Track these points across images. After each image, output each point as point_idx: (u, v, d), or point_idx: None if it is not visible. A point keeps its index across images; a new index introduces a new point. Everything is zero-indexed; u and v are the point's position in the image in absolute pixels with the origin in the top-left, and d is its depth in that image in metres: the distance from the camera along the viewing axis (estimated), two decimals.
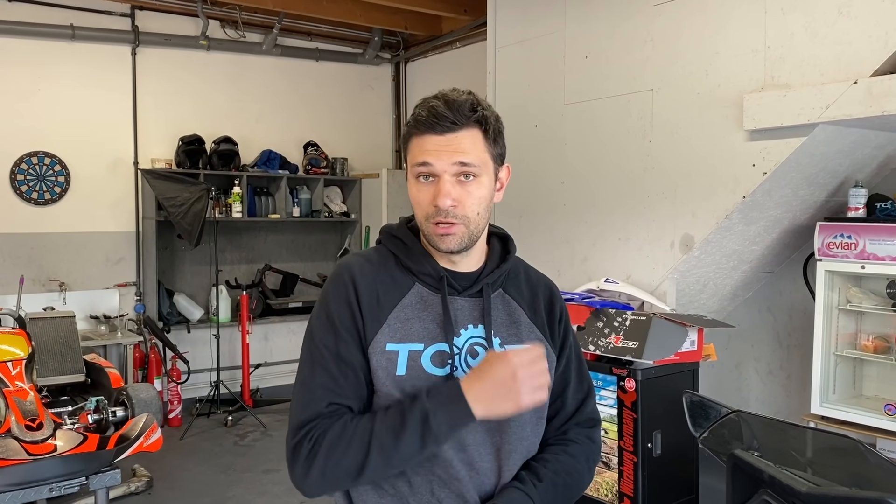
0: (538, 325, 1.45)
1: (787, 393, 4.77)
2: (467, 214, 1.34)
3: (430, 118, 1.32)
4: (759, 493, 1.37)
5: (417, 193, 1.35)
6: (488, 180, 1.38)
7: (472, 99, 1.35)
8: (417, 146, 1.34)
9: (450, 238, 1.34)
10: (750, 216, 3.97)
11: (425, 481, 1.35)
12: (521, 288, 1.48)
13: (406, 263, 1.41)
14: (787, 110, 3.52)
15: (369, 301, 1.37)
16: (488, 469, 1.37)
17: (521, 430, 1.40)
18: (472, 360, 1.37)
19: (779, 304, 4.80)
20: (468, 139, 1.33)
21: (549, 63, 4.87)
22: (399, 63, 7.76)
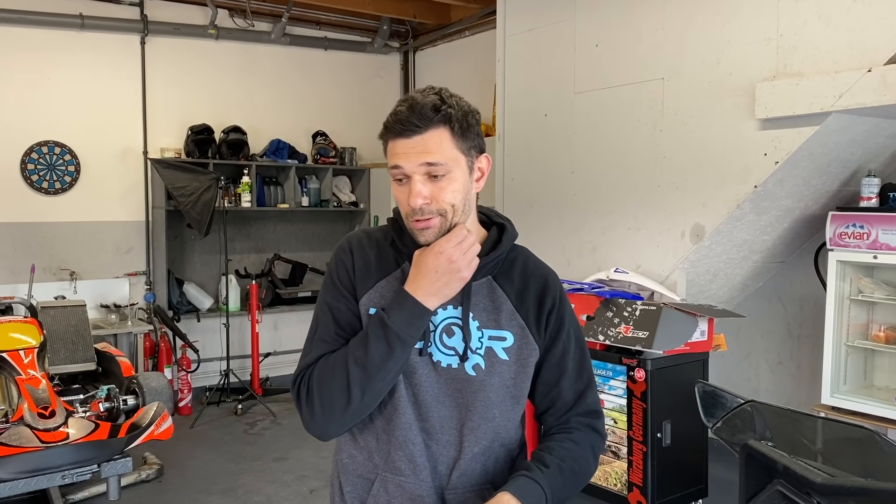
0: (522, 314, 1.49)
1: (797, 383, 4.76)
2: (443, 207, 1.41)
3: (396, 123, 1.41)
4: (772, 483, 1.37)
5: (397, 193, 1.46)
6: (461, 174, 1.43)
7: (435, 100, 1.40)
8: (391, 150, 1.44)
9: (428, 231, 1.42)
10: (761, 206, 3.95)
11: (385, 441, 1.47)
12: (514, 277, 1.52)
13: (399, 245, 1.51)
14: (799, 99, 3.49)
15: (362, 266, 1.50)
16: (447, 441, 1.46)
17: (488, 410, 1.45)
18: (448, 338, 1.45)
19: (789, 294, 4.78)
20: (434, 139, 1.39)
21: (558, 52, 4.84)
22: (408, 52, 7.73)
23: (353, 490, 1.53)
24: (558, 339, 1.51)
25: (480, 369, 1.45)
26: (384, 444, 1.48)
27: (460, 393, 1.45)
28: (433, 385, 1.45)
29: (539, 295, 1.51)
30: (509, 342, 1.47)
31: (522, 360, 1.48)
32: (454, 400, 1.45)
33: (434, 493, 1.47)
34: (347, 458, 1.55)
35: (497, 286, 1.50)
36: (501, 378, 1.46)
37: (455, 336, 1.45)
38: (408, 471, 1.46)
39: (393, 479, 1.47)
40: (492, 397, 1.45)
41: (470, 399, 1.44)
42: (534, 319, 1.49)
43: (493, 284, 1.50)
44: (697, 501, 4.08)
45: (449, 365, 1.45)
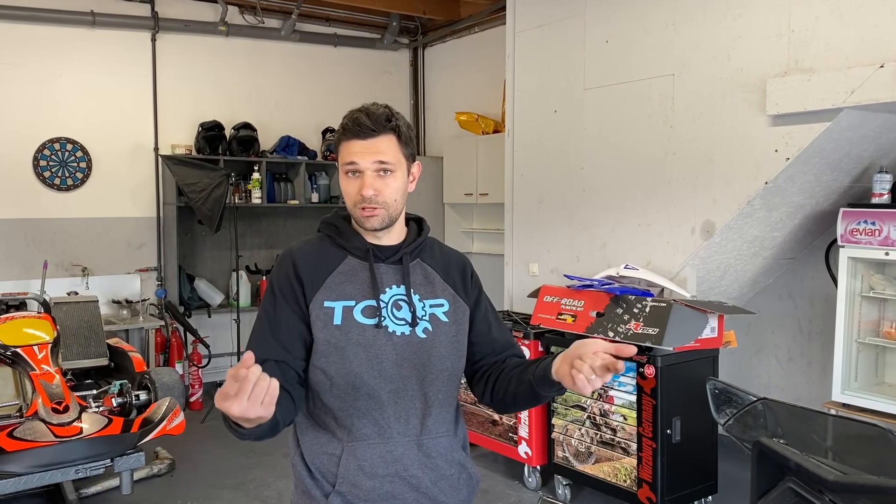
0: (450, 284, 1.80)
1: (807, 380, 4.74)
2: (386, 200, 1.68)
3: (355, 126, 1.67)
4: (784, 480, 1.37)
5: (347, 186, 1.70)
6: (402, 174, 1.71)
7: (387, 112, 1.70)
8: (346, 149, 1.69)
9: (373, 219, 1.68)
10: (772, 202, 3.94)
11: (347, 414, 1.67)
12: (436, 257, 1.83)
13: (339, 241, 1.76)
14: (811, 95, 3.47)
15: (307, 270, 1.72)
16: (412, 396, 1.69)
17: (441, 363, 1.71)
18: (397, 312, 1.71)
19: (800, 290, 4.76)
20: (385, 143, 1.67)
21: (568, 47, 4.83)
22: (417, 48, 7.73)
23: (321, 469, 1.70)
24: (480, 301, 1.85)
25: (429, 332, 1.72)
26: (348, 417, 1.67)
27: (416, 354, 1.69)
28: (391, 351, 1.68)
29: (461, 270, 1.85)
30: (446, 307, 1.76)
31: (458, 319, 1.77)
32: (411, 361, 1.69)
33: (407, 443, 1.68)
34: (311, 442, 1.73)
35: (426, 265, 1.80)
36: (447, 336, 1.74)
37: (403, 309, 1.71)
38: (373, 434, 1.66)
39: (360, 444, 1.66)
40: (442, 352, 1.72)
41: (425, 357, 1.70)
42: (461, 287, 1.81)
43: (423, 265, 1.79)
44: (707, 498, 4.08)
45: (403, 333, 1.69)
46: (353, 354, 1.66)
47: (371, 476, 1.66)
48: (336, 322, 1.67)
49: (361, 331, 1.67)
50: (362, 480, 1.65)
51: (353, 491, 1.66)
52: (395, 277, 1.74)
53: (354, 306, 1.69)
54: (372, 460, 1.66)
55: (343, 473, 1.66)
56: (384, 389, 1.66)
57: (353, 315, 1.68)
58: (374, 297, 1.70)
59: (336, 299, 1.69)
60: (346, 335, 1.66)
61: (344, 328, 1.67)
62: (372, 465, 1.66)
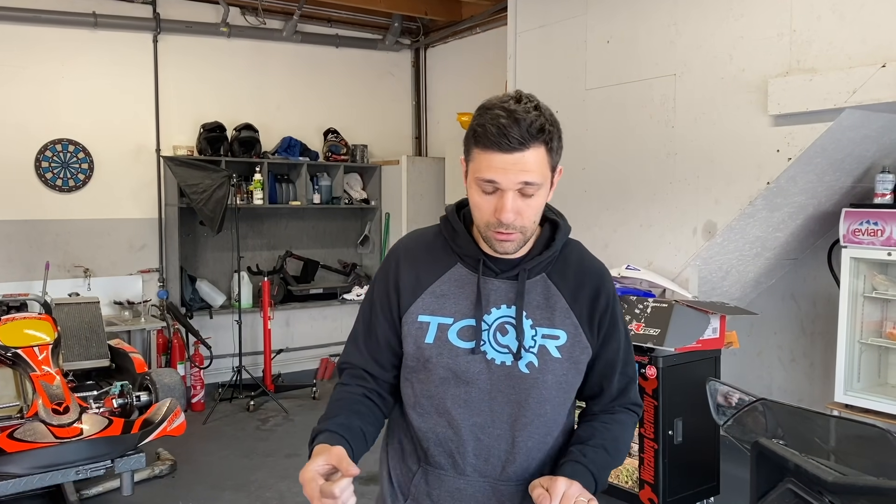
0: (576, 312, 1.50)
1: (810, 381, 4.73)
2: (525, 224, 1.41)
3: (498, 137, 1.33)
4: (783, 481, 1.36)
5: (480, 200, 1.41)
6: (546, 189, 1.42)
7: (540, 119, 1.35)
8: (484, 160, 1.37)
9: (508, 244, 1.43)
10: (774, 202, 3.93)
11: (425, 437, 1.51)
12: (568, 275, 1.53)
13: (451, 245, 1.53)
14: (812, 95, 3.46)
15: (408, 278, 1.52)
16: (499, 436, 1.48)
17: (540, 406, 1.48)
18: (502, 337, 1.47)
19: (803, 291, 4.75)
20: (533, 158, 1.36)
21: (570, 48, 4.83)
22: (419, 49, 7.73)
23: (398, 477, 1.59)
24: (612, 339, 1.54)
25: (534, 367, 1.47)
26: (425, 441, 1.52)
27: (513, 389, 1.47)
28: (485, 381, 1.47)
29: (593, 295, 1.52)
30: (562, 340, 1.49)
31: (574, 358, 1.50)
32: (507, 396, 1.47)
33: (480, 485, 1.50)
34: (398, 444, 1.61)
35: (551, 284, 1.51)
36: (554, 375, 1.48)
37: (509, 334, 1.47)
38: (447, 465, 1.50)
39: (434, 472, 1.52)
40: (544, 394, 1.48)
41: (523, 396, 1.47)
42: (587, 318, 1.51)
43: (548, 282, 1.51)
44: (709, 499, 4.07)
45: (503, 363, 1.47)
46: (439, 378, 1.49)
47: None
48: (428, 340, 1.49)
49: (454, 354, 1.48)
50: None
51: None
52: (508, 296, 1.49)
53: (451, 325, 1.49)
54: (440, 492, 1.52)
55: (415, 493, 1.55)
56: (467, 422, 1.48)
57: (448, 335, 1.49)
58: (477, 317, 1.48)
59: (432, 314, 1.50)
60: (437, 356, 1.48)
61: (435, 348, 1.48)
62: (440, 496, 1.52)
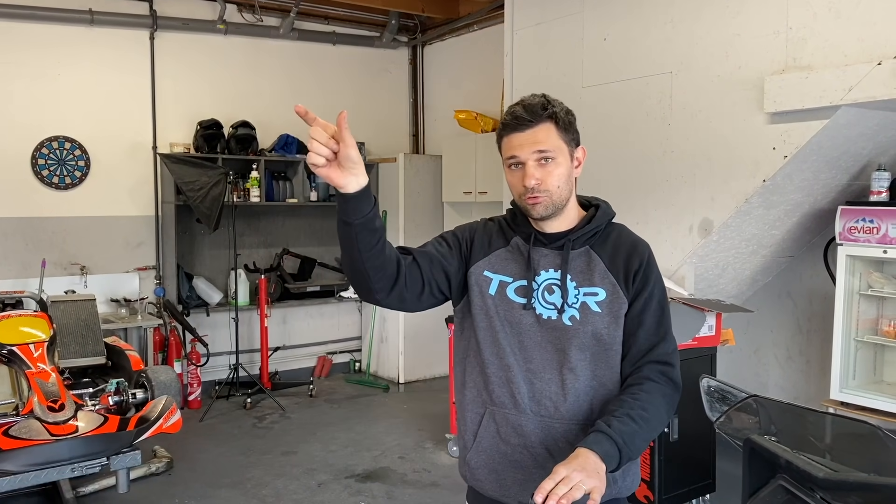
0: (613, 272, 1.76)
1: (806, 378, 4.73)
2: (549, 189, 1.71)
3: (513, 120, 1.72)
4: (775, 478, 1.36)
5: (511, 179, 1.75)
6: (564, 160, 1.72)
7: (542, 100, 1.72)
8: (507, 144, 1.74)
9: (538, 206, 1.72)
10: (770, 200, 3.93)
11: (491, 380, 1.77)
12: (608, 246, 1.80)
13: (512, 225, 1.86)
14: (808, 92, 3.46)
15: (482, 239, 1.85)
16: (549, 379, 1.73)
17: (581, 352, 1.72)
18: (549, 295, 1.75)
19: (799, 289, 4.75)
20: (543, 132, 1.70)
21: (566, 45, 4.82)
22: (416, 46, 7.72)
23: (468, 423, 1.83)
24: (640, 295, 1.76)
25: (575, 320, 1.73)
26: (490, 383, 1.77)
27: (558, 339, 1.73)
28: (535, 333, 1.74)
29: (627, 256, 1.78)
30: (601, 297, 1.74)
31: (614, 311, 1.74)
32: (553, 345, 1.73)
33: (537, 423, 1.73)
34: (463, 397, 1.85)
35: (593, 253, 1.78)
36: (594, 327, 1.72)
37: (555, 294, 1.74)
38: (510, 404, 1.75)
39: (499, 411, 1.76)
40: (584, 342, 1.72)
41: (566, 344, 1.72)
42: (622, 276, 1.76)
43: (590, 252, 1.79)
44: (705, 496, 4.07)
45: (549, 317, 1.74)
46: (500, 327, 1.76)
47: (505, 442, 1.76)
48: (491, 292, 1.78)
49: (510, 307, 1.76)
50: (497, 444, 1.77)
51: (488, 451, 1.78)
52: (554, 262, 1.78)
53: (510, 283, 1.78)
54: (506, 428, 1.75)
55: (482, 434, 1.79)
56: (522, 368, 1.74)
57: (507, 291, 1.77)
58: (528, 278, 1.76)
59: (496, 272, 1.79)
60: (497, 307, 1.77)
61: (496, 298, 1.77)
62: (506, 432, 1.75)
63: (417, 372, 7.00)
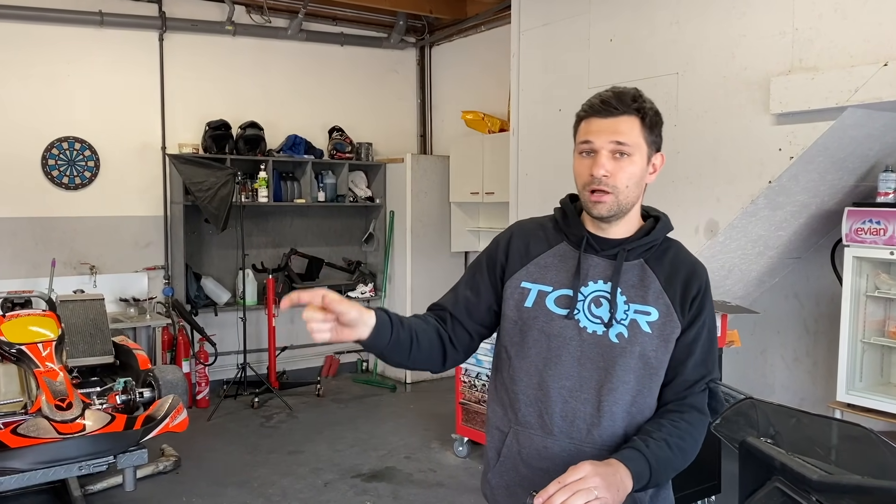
0: (670, 294, 1.63)
1: (813, 380, 4.72)
2: (617, 185, 1.56)
3: (599, 104, 1.58)
4: (771, 480, 1.37)
5: (579, 166, 1.61)
6: (640, 160, 1.59)
7: (634, 91, 1.60)
8: (584, 127, 1.61)
9: (601, 205, 1.58)
10: (776, 201, 3.92)
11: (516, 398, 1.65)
12: (665, 263, 1.66)
13: (561, 226, 1.70)
14: (815, 93, 3.45)
15: (518, 248, 1.70)
16: (586, 399, 1.59)
17: (625, 374, 1.59)
18: (596, 308, 1.61)
19: (806, 290, 4.74)
20: (626, 124, 1.57)
21: (573, 46, 4.82)
22: (424, 47, 7.74)
23: (492, 440, 1.73)
24: (695, 323, 1.64)
25: (623, 338, 1.59)
26: (517, 401, 1.65)
27: (602, 357, 1.59)
28: (575, 348, 1.60)
29: (686, 280, 1.65)
30: (654, 317, 1.61)
31: (665, 335, 1.61)
32: (594, 363, 1.59)
33: (565, 446, 1.60)
34: (490, 412, 1.76)
35: (648, 268, 1.65)
36: (642, 348, 1.59)
37: (602, 307, 1.60)
38: (536, 424, 1.63)
39: (523, 431, 1.65)
40: (630, 363, 1.58)
41: (610, 363, 1.59)
42: (679, 300, 1.63)
43: (645, 266, 1.65)
44: (710, 498, 4.07)
45: (594, 331, 1.60)
46: (533, 341, 1.63)
47: (526, 465, 1.64)
48: (527, 304, 1.64)
49: (548, 318, 1.62)
50: (518, 466, 1.66)
51: (509, 473, 1.68)
52: (605, 272, 1.63)
53: (550, 292, 1.64)
54: (530, 449, 1.64)
55: (506, 453, 1.68)
56: (556, 384, 1.61)
57: (546, 301, 1.63)
58: (574, 287, 1.62)
59: (534, 282, 1.66)
60: (533, 319, 1.63)
61: (533, 311, 1.63)
62: (529, 454, 1.64)
63: (423, 372, 7.00)
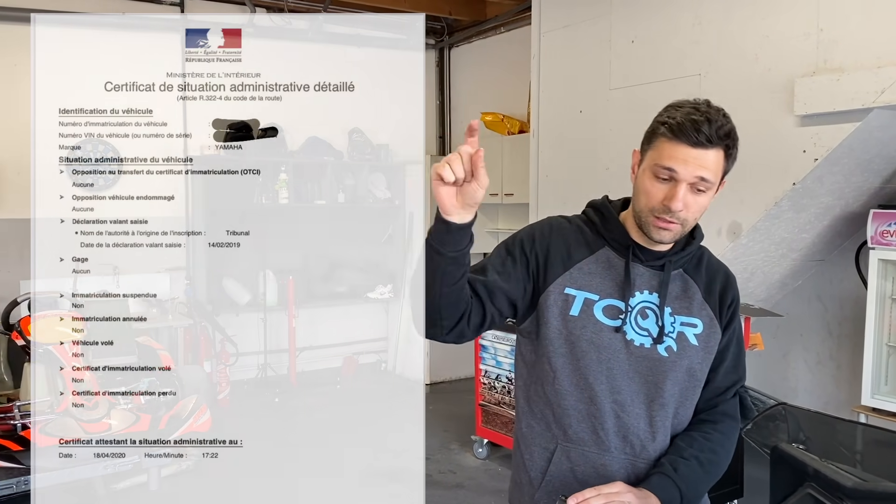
0: (711, 305, 1.61)
1: (837, 384, 4.67)
2: (688, 218, 1.51)
3: (692, 131, 1.46)
4: (803, 486, 1.36)
5: (650, 187, 1.51)
6: (712, 192, 1.53)
7: (724, 121, 1.49)
8: (668, 149, 1.48)
9: (666, 233, 1.52)
10: (800, 203, 3.89)
11: (566, 413, 1.56)
12: (702, 271, 1.64)
13: (600, 230, 1.63)
14: (840, 95, 3.42)
15: (559, 249, 1.60)
16: (637, 415, 1.55)
17: (673, 387, 1.56)
18: (642, 320, 1.56)
19: (829, 293, 4.69)
20: (713, 158, 1.49)
21: (594, 47, 4.81)
22: (443, 49, 7.74)
23: (533, 460, 1.62)
24: (727, 330, 1.63)
25: (672, 351, 1.55)
26: (566, 416, 1.56)
27: (650, 371, 1.55)
28: (623, 361, 1.55)
29: (723, 289, 1.64)
30: (699, 329, 1.58)
31: (709, 347, 1.59)
32: (643, 377, 1.55)
33: (623, 462, 1.55)
34: (526, 429, 1.65)
35: (689, 278, 1.62)
36: (689, 361, 1.57)
37: (649, 319, 1.56)
38: (590, 441, 1.55)
39: (575, 448, 1.56)
40: (679, 377, 1.56)
41: (659, 378, 1.55)
42: (717, 309, 1.62)
43: (685, 276, 1.62)
44: (732, 502, 4.03)
45: (641, 344, 1.55)
46: (582, 352, 1.55)
47: (582, 482, 1.54)
48: (573, 313, 1.56)
49: (598, 329, 1.55)
50: (573, 485, 1.54)
51: (561, 491, 1.56)
52: (650, 283, 1.59)
53: (597, 301, 1.56)
54: (585, 467, 1.56)
55: (553, 471, 1.59)
56: (608, 399, 1.54)
57: (593, 311, 1.56)
58: (622, 297, 1.56)
59: (579, 288, 1.57)
60: (581, 329, 1.55)
61: (580, 321, 1.55)
62: (584, 472, 1.56)
63: (443, 373, 7.02)
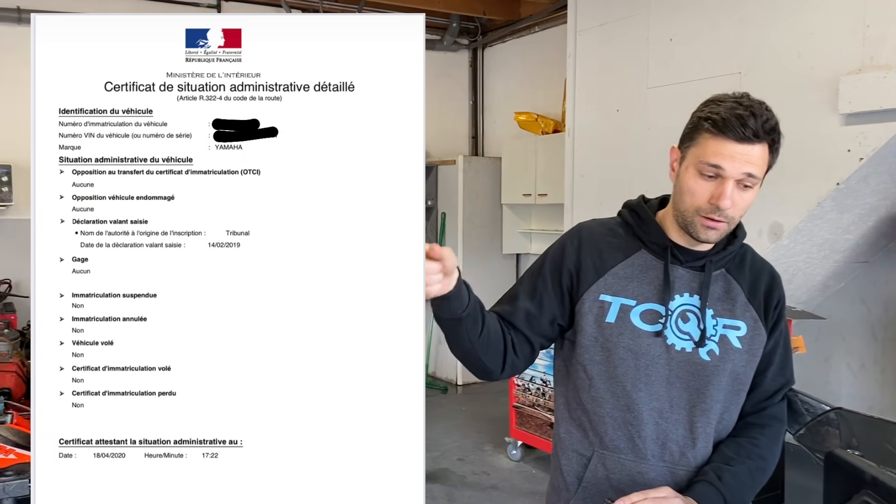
0: (755, 306, 1.56)
1: (881, 388, 4.57)
2: (735, 216, 1.47)
3: (738, 126, 1.42)
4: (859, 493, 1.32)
5: (695, 185, 1.46)
6: (758, 188, 1.49)
7: (772, 118, 1.46)
8: (712, 146, 1.44)
9: (713, 232, 1.47)
10: (844, 204, 3.80)
11: (601, 421, 1.53)
12: (745, 271, 1.58)
13: (637, 232, 1.58)
14: (887, 92, 3.34)
15: (591, 257, 1.56)
16: (677, 421, 1.51)
17: (717, 393, 1.51)
18: (683, 324, 1.51)
19: (874, 295, 4.59)
20: (759, 153, 1.44)
21: (631, 46, 4.76)
22: (476, 49, 7.73)
23: (570, 465, 1.60)
24: (774, 332, 1.58)
25: (715, 355, 1.51)
26: (602, 424, 1.53)
27: (692, 376, 1.51)
28: (663, 367, 1.50)
29: (768, 290, 1.58)
30: (743, 332, 1.53)
31: (754, 350, 1.54)
32: (685, 382, 1.51)
33: (661, 470, 1.51)
34: (564, 434, 1.62)
35: (731, 279, 1.56)
36: (733, 365, 1.52)
37: (690, 322, 1.52)
38: (627, 449, 1.52)
39: (611, 456, 1.53)
40: (722, 382, 1.51)
41: (702, 383, 1.50)
42: (763, 310, 1.56)
43: (728, 277, 1.57)
44: None
45: (683, 349, 1.51)
46: (619, 359, 1.51)
47: (618, 490, 1.50)
48: (609, 319, 1.52)
49: (635, 335, 1.51)
50: (608, 491, 1.52)
51: (596, 498, 1.55)
52: (691, 285, 1.54)
53: (634, 307, 1.53)
54: (621, 475, 1.53)
55: (589, 478, 1.56)
56: (647, 406, 1.51)
57: (630, 316, 1.52)
58: (662, 301, 1.52)
59: (614, 294, 1.53)
60: (617, 336, 1.51)
61: (617, 328, 1.52)
62: (620, 480, 1.53)
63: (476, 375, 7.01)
